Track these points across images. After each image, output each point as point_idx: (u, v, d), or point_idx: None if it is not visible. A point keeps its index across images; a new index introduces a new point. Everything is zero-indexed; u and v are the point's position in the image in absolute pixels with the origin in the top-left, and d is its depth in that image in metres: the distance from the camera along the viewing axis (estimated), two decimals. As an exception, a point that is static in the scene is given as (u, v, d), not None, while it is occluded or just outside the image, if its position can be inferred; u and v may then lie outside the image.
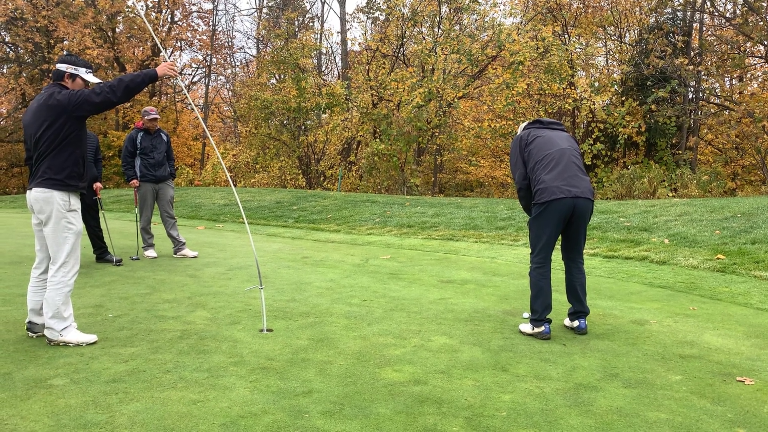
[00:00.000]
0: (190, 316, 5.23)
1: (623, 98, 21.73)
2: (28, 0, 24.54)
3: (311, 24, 34.22)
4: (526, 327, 4.85)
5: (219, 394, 3.52)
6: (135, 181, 8.22)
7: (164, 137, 8.41)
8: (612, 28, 24.69)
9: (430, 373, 3.95)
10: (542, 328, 4.74)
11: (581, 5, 23.41)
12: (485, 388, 3.70)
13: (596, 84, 22.03)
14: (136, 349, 4.29)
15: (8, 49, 27.85)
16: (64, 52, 24.90)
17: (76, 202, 4.37)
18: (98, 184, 7.78)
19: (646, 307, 5.79)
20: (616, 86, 22.63)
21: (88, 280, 6.59)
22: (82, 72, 4.40)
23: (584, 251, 8.29)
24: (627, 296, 6.23)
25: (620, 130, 20.75)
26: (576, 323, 4.92)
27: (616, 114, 20.84)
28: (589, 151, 21.12)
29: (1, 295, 5.79)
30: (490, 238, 9.68)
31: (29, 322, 4.46)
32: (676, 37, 22.04)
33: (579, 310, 4.93)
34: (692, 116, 22.46)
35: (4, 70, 28.78)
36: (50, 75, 23.18)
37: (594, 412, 3.37)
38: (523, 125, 5.30)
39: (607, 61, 26.24)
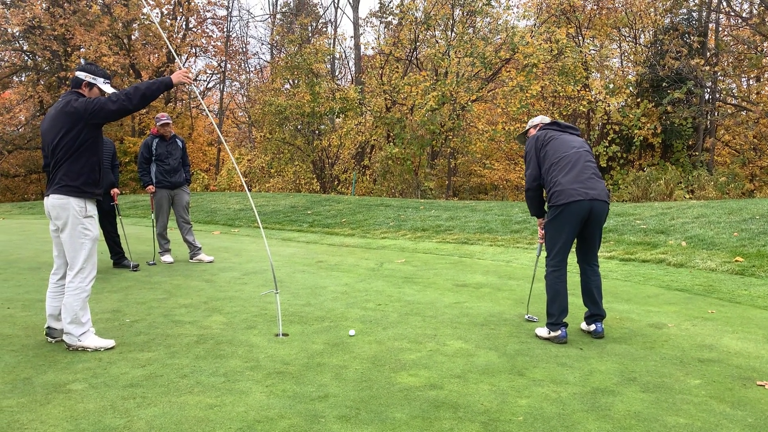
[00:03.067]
0: (206, 320, 5.26)
1: (638, 100, 21.58)
2: (45, 9, 24.86)
3: (324, 29, 34.37)
4: (542, 331, 4.82)
5: (235, 398, 3.54)
6: (151, 186, 8.28)
7: (179, 143, 8.47)
8: (626, 29, 24.55)
9: (445, 377, 3.93)
10: (559, 332, 4.70)
11: (595, 7, 23.30)
12: (502, 393, 3.68)
13: (611, 86, 21.91)
14: (154, 353, 4.31)
15: (26, 57, 28.22)
16: (82, 61, 25.23)
17: (92, 209, 4.40)
18: (115, 190, 7.85)
19: (663, 310, 5.73)
20: (631, 88, 22.48)
21: (105, 285, 6.65)
22: (100, 82, 4.45)
23: (600, 254, 8.24)
24: (644, 299, 6.18)
25: (636, 131, 20.61)
26: (593, 327, 4.88)
27: (631, 116, 20.70)
28: (605, 153, 21.00)
29: (21, 300, 5.86)
30: (505, 242, 9.64)
31: (48, 328, 4.51)
32: (692, 37, 21.85)
33: (595, 313, 4.89)
34: (709, 117, 22.25)
35: (23, 78, 29.15)
36: (68, 82, 23.38)
37: (612, 417, 3.34)
38: (533, 121, 5.31)
39: (621, 62, 26.09)
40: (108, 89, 4.44)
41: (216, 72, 32.28)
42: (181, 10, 28.63)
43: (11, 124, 30.26)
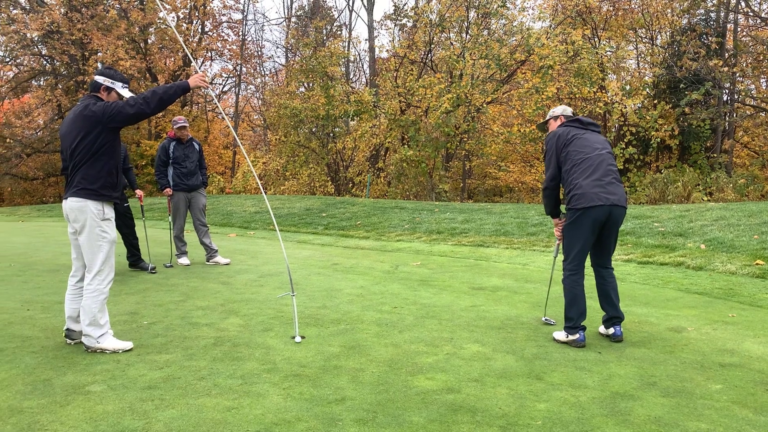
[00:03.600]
0: (223, 323, 5.28)
1: (655, 101, 21.39)
2: (64, 14, 25.15)
3: (339, 32, 34.45)
4: (560, 335, 4.78)
5: (253, 401, 3.54)
6: (168, 189, 8.33)
7: (196, 146, 8.51)
8: (643, 30, 24.36)
9: (463, 381, 3.91)
10: (577, 335, 4.67)
11: (611, 8, 23.14)
12: (520, 397, 3.65)
13: (628, 87, 21.74)
14: (171, 355, 4.33)
15: (45, 62, 28.57)
16: (99, 65, 25.48)
17: (109, 212, 4.43)
18: (140, 192, 7.91)
19: (683, 314, 5.67)
20: (648, 89, 22.30)
21: (123, 288, 6.70)
22: (119, 86, 4.49)
23: (618, 257, 8.17)
24: (663, 303, 6.11)
25: (653, 133, 20.43)
26: (611, 330, 4.83)
27: (648, 117, 20.52)
28: (621, 155, 20.82)
29: (40, 302, 5.91)
30: (521, 245, 9.59)
31: (67, 329, 4.55)
32: (710, 38, 21.63)
33: (614, 315, 4.84)
34: (727, 119, 22.00)
35: (41, 83, 29.52)
36: (86, 86, 23.62)
37: (632, 422, 3.31)
38: (555, 111, 5.18)
39: (638, 63, 25.89)
40: (126, 93, 4.48)
41: (231, 75, 32.48)
42: (197, 14, 28.84)
43: (30, 128, 30.65)
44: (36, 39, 26.55)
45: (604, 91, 20.83)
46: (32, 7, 26.12)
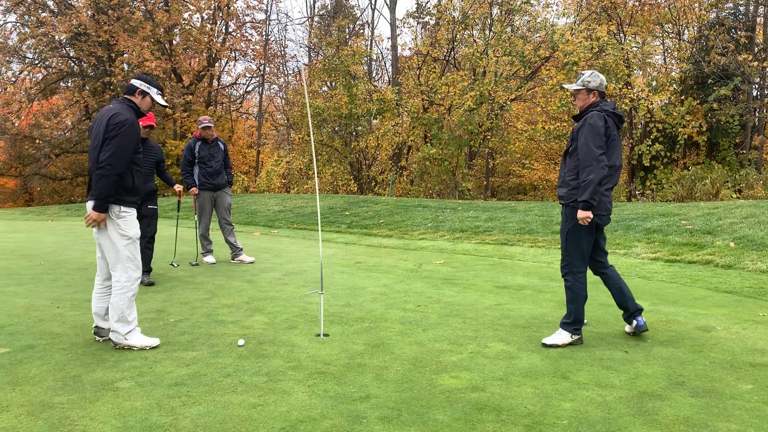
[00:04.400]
0: (248, 320, 5.32)
1: (683, 97, 21.07)
2: (91, 16, 25.54)
3: (362, 31, 34.48)
4: (563, 337, 4.61)
5: (278, 398, 3.57)
6: (194, 188, 8.38)
7: (221, 146, 8.57)
8: (670, 25, 23.99)
9: (487, 379, 3.90)
10: (580, 334, 4.64)
11: (637, 3, 22.82)
12: (545, 396, 3.63)
13: (654, 83, 21.44)
14: (197, 353, 4.38)
15: (73, 64, 29.02)
16: (125, 66, 25.82)
17: (128, 210, 4.45)
18: (178, 186, 7.79)
19: (711, 313, 5.58)
20: (675, 85, 21.96)
21: (150, 286, 6.78)
22: (154, 92, 4.57)
23: (645, 255, 8.07)
24: (691, 302, 6.02)
25: (680, 130, 20.13)
26: (635, 322, 4.77)
27: (675, 113, 20.22)
28: (648, 152, 20.56)
29: (69, 299, 6.01)
30: (546, 243, 9.51)
31: (96, 327, 4.62)
32: (739, 32, 21.23)
33: (635, 308, 4.77)
34: (757, 114, 21.58)
35: (69, 84, 29.99)
36: (112, 87, 23.89)
37: (660, 422, 3.26)
38: (595, 80, 4.58)
39: (665, 59, 25.50)
40: (160, 100, 4.59)
41: (255, 75, 32.69)
42: (221, 14, 29.08)
43: (58, 129, 31.20)
44: (64, 41, 26.99)
45: (630, 88, 20.56)
46: (60, 9, 26.57)
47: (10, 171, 32.14)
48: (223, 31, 30.28)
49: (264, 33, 31.99)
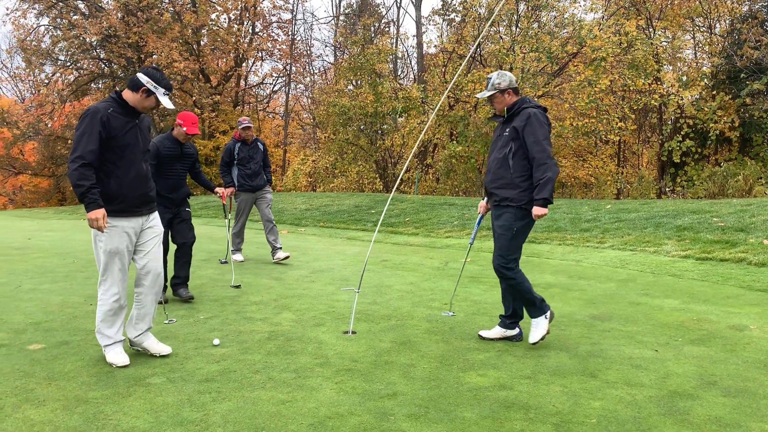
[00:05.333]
0: (276, 317, 5.37)
1: (714, 92, 20.67)
2: (120, 18, 25.95)
3: (387, 29, 34.49)
4: (541, 326, 4.44)
5: (306, 394, 3.60)
6: (231, 189, 8.26)
7: (261, 147, 8.44)
8: (701, 19, 23.56)
9: (515, 378, 3.88)
10: (549, 311, 4.54)
11: (667, -3, 22.46)
12: (574, 395, 3.60)
13: (684, 78, 21.07)
14: (227, 349, 4.44)
15: (103, 65, 29.52)
16: (153, 64, 26.17)
17: (110, 221, 3.95)
18: (219, 190, 6.98)
19: (744, 311, 5.48)
20: (706, 80, 21.56)
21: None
22: (160, 92, 4.08)
23: (676, 252, 7.96)
24: (723, 300, 5.92)
25: (711, 125, 19.75)
26: (516, 330, 4.72)
27: (706, 109, 19.85)
28: (678, 148, 20.24)
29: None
30: (574, 241, 9.43)
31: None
32: (773, 25, 20.75)
33: (522, 316, 4.73)
34: (792, 109, 21.06)
35: (100, 85, 30.52)
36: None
37: (691, 422, 3.22)
38: (511, 81, 4.53)
39: (695, 53, 25.05)
40: (166, 102, 4.08)
41: (281, 75, 32.90)
42: (247, 15, 29.33)
43: (90, 130, 31.68)
44: (95, 43, 27.46)
45: (659, 83, 20.24)
46: (91, 12, 27.03)
47: (44, 171, 32.83)
48: (250, 31, 30.54)
49: (290, 32, 32.19)
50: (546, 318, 4.49)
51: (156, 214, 4.30)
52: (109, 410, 3.35)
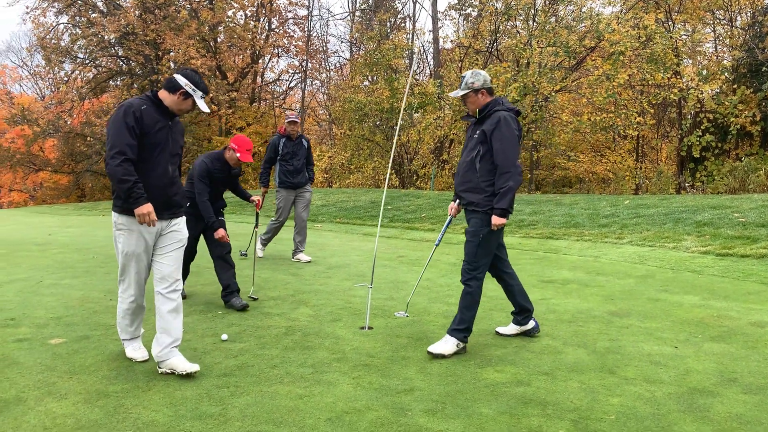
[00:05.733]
0: (293, 313, 5.40)
1: (735, 86, 20.37)
2: (138, 15, 26.17)
3: (403, 24, 34.40)
4: (449, 345, 4.24)
5: (324, 389, 3.61)
6: (264, 189, 8.13)
7: (305, 143, 8.18)
8: (721, 11, 23.22)
9: (533, 374, 3.87)
10: (467, 342, 4.33)
11: (687, -11, 22.16)
12: (592, 391, 3.58)
13: (704, 72, 20.79)
14: (245, 344, 4.47)
15: (121, 63, 29.80)
16: (171, 64, 26.35)
17: (127, 222, 3.86)
18: (255, 198, 6.46)
19: (766, 308, 5.41)
20: (726, 73, 21.25)
21: (198, 279, 6.93)
22: (198, 95, 3.97)
23: (696, 248, 7.87)
24: (744, 296, 5.84)
25: (732, 119, 19.47)
26: (532, 324, 4.64)
27: (727, 103, 19.56)
28: (698, 143, 19.98)
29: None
30: (592, 236, 9.36)
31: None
32: (795, 17, 20.39)
33: (532, 308, 4.67)
34: (815, 103, 20.70)
35: (118, 83, 30.81)
36: (158, 85, 24.31)
37: (711, 419, 3.19)
38: (485, 80, 4.38)
39: (716, 47, 24.71)
40: (203, 106, 3.99)
41: (297, 71, 32.97)
42: (263, 11, 29.41)
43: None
44: (113, 41, 27.72)
45: (678, 77, 19.99)
46: (109, 10, 27.28)
47: (63, 168, 33.24)
48: (266, 27, 30.63)
49: (306, 29, 32.22)
50: (457, 346, 4.25)
51: (181, 220, 4.09)
52: (129, 404, 3.39)
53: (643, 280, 6.68)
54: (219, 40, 29.11)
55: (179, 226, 4.05)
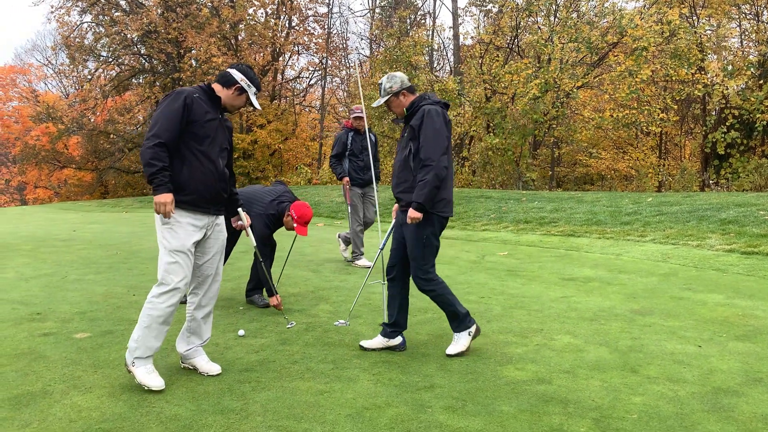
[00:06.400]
0: (314, 309, 5.42)
1: (761, 81, 20.04)
2: (160, 14, 26.41)
3: (423, 21, 34.30)
4: (462, 341, 4.20)
5: (344, 385, 3.63)
6: (346, 178, 7.66)
7: (373, 138, 7.62)
8: (747, 6, 22.82)
9: (554, 372, 3.85)
10: (473, 327, 4.23)
11: (712, -17, 21.80)
12: (614, 390, 3.55)
13: (730, 67, 20.46)
14: (266, 340, 4.50)
15: (144, 61, 30.10)
16: (193, 62, 26.55)
17: (177, 217, 3.64)
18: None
19: (793, 307, 5.31)
20: (752, 69, 20.90)
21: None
22: (252, 92, 3.86)
23: (720, 246, 7.77)
24: (770, 295, 5.75)
25: (758, 116, 19.15)
26: (400, 339, 4.36)
27: (753, 99, 19.25)
28: (723, 139, 19.71)
29: (144, 288, 6.26)
30: (614, 234, 9.27)
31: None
32: (824, 11, 19.99)
33: (404, 327, 4.41)
34: (844, 98, 20.27)
35: (141, 81, 31.13)
36: (180, 82, 24.42)
37: (736, 419, 3.15)
38: (402, 81, 4.26)
39: (741, 42, 24.29)
40: (256, 103, 3.87)
41: (318, 69, 33.06)
42: (284, 9, 29.51)
43: (131, 124, 32.45)
44: (135, 39, 28.01)
45: (703, 73, 19.71)
46: (132, 8, 27.58)
47: (87, 165, 33.67)
48: (287, 25, 30.75)
49: (326, 26, 32.29)
50: (469, 334, 4.20)
51: (222, 218, 3.94)
52: (153, 398, 3.43)
53: (666, 278, 6.60)
54: (240, 38, 29.28)
55: (222, 225, 3.93)
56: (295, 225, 5.38)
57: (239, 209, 4.28)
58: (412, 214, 4.04)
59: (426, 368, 3.92)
